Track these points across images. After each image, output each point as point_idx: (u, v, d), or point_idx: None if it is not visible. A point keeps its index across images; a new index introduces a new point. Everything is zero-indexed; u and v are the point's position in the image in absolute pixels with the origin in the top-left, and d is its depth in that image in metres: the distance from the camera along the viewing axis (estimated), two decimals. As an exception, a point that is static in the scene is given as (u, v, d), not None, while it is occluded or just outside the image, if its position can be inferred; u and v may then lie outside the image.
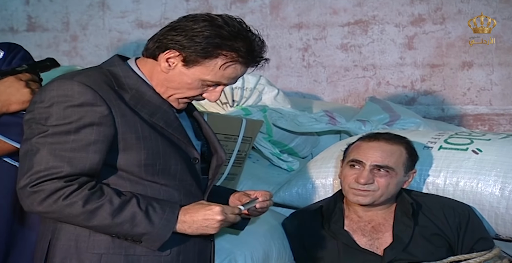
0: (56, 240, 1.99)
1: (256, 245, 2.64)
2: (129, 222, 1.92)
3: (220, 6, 4.29)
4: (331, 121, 3.40)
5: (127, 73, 2.03)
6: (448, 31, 4.05)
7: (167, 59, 2.00)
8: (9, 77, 2.18)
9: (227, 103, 3.36)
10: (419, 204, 2.71)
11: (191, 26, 1.99)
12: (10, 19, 4.50)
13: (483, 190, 2.77)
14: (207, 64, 1.99)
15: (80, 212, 1.90)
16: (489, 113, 4.03)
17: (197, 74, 2.00)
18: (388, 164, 2.66)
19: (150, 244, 1.96)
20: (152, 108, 2.01)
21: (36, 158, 1.90)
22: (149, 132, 1.98)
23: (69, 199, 1.89)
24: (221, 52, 1.98)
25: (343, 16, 4.18)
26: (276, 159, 3.32)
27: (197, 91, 2.04)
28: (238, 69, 2.02)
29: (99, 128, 1.92)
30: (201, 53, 1.97)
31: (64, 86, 1.94)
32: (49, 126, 1.91)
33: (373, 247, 2.68)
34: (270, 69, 4.23)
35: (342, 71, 4.19)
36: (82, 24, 4.45)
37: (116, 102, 1.96)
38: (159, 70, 2.02)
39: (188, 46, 1.97)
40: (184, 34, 1.98)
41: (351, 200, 2.70)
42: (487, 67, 4.02)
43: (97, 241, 1.97)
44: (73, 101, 1.92)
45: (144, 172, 1.98)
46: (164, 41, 2.00)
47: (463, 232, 2.67)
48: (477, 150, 2.85)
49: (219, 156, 2.15)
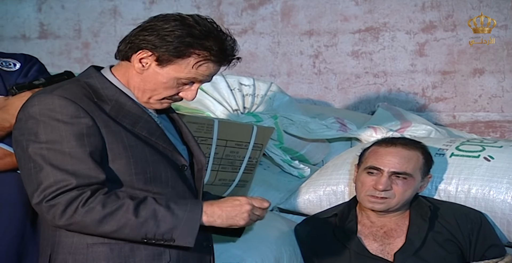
0: (56, 255, 1.98)
1: (266, 252, 2.63)
2: (152, 218, 1.91)
3: (231, 13, 4.30)
4: (342, 128, 3.39)
5: (105, 84, 2.02)
6: (460, 38, 4.05)
7: (140, 59, 2.00)
8: (26, 92, 2.17)
9: (238, 110, 3.36)
10: (436, 207, 2.70)
11: (162, 25, 1.99)
12: (22, 27, 4.53)
13: (495, 198, 2.76)
14: (180, 62, 1.99)
15: (101, 216, 1.89)
16: (501, 120, 4.02)
17: (171, 73, 2.00)
18: (406, 171, 2.66)
19: (183, 240, 1.93)
20: (133, 118, 2.01)
21: (42, 174, 1.90)
22: (135, 141, 1.98)
23: (87, 206, 1.89)
24: (193, 51, 1.98)
25: (354, 23, 4.18)
26: (287, 166, 3.32)
27: (173, 90, 2.04)
28: (211, 67, 2.02)
29: (89, 138, 1.93)
30: (174, 52, 1.97)
31: (45, 100, 1.94)
32: (42, 143, 1.91)
33: (384, 252, 2.67)
34: (281, 76, 4.24)
35: (353, 78, 4.19)
36: (93, 31, 4.47)
37: (97, 113, 1.96)
38: (134, 73, 2.02)
39: (160, 45, 1.97)
40: (155, 34, 1.98)
41: (366, 207, 2.69)
42: (498, 74, 4.01)
43: (96, 252, 1.96)
44: (56, 115, 1.92)
45: (136, 181, 1.97)
46: (136, 41, 2.00)
47: (475, 238, 2.67)
48: (489, 157, 2.84)
49: (198, 160, 2.14)
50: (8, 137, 2.16)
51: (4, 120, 2.15)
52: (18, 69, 2.27)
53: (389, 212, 2.70)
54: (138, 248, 1.97)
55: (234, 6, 4.32)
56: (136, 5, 4.42)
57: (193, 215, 1.94)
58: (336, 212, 2.75)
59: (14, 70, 2.27)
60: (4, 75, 2.25)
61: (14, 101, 2.17)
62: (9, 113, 2.15)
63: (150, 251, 1.98)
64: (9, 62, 2.28)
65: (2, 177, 2.20)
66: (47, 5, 4.51)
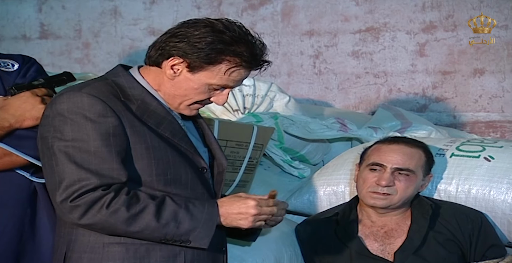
0: (72, 253, 1.99)
1: (267, 252, 2.63)
2: (173, 220, 1.92)
3: (232, 13, 4.30)
4: (343, 128, 3.39)
5: (132, 84, 2.03)
6: (460, 38, 4.05)
7: (172, 66, 2.01)
8: (25, 92, 2.18)
9: (239, 110, 3.36)
10: (438, 206, 2.71)
11: (192, 32, 2.00)
12: (22, 27, 4.53)
13: (495, 198, 2.76)
14: (212, 69, 1.99)
15: (126, 218, 1.90)
16: (501, 120, 4.02)
17: (203, 79, 2.01)
18: (409, 167, 2.66)
19: (199, 242, 1.95)
20: (158, 118, 2.02)
21: (65, 172, 1.91)
22: (158, 142, 1.99)
23: (112, 207, 1.90)
24: (224, 57, 1.99)
25: (355, 23, 4.18)
26: (287, 166, 3.32)
27: (205, 95, 2.05)
28: (242, 73, 2.03)
29: (115, 138, 1.94)
30: (205, 59, 1.98)
31: (74, 98, 1.95)
32: (68, 140, 1.92)
33: (384, 252, 2.67)
34: (282, 76, 4.24)
35: (354, 78, 4.19)
36: (94, 31, 4.47)
37: (124, 113, 1.97)
38: (165, 78, 2.03)
39: (191, 52, 1.98)
40: (186, 41, 1.99)
41: (367, 203, 2.69)
42: (499, 74, 4.01)
43: (111, 252, 1.97)
44: (84, 113, 1.93)
45: (156, 182, 1.99)
46: (166, 48, 2.01)
47: (475, 238, 2.67)
48: (489, 157, 2.84)
49: (219, 163, 2.15)
50: (7, 137, 2.17)
51: (3, 119, 2.15)
52: (16, 69, 2.28)
53: (390, 211, 2.69)
54: (154, 249, 1.98)
55: (234, 6, 4.32)
56: (137, 5, 4.42)
57: (211, 217, 1.96)
58: (337, 212, 2.75)
59: (13, 70, 2.28)
60: (2, 75, 2.26)
61: (14, 101, 2.17)
62: (9, 113, 2.16)
63: (165, 253, 1.99)
64: (8, 62, 2.29)
65: (1, 176, 2.20)
66: (48, 5, 4.51)
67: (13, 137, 2.17)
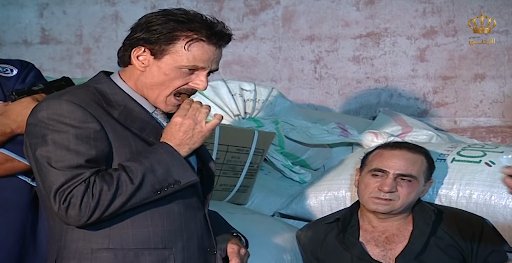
0: (61, 259, 1.99)
1: (268, 257, 2.63)
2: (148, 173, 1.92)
3: (232, 18, 4.30)
4: (343, 133, 3.40)
5: (114, 90, 2.04)
6: (460, 43, 4.05)
7: (137, 57, 2.03)
8: (26, 97, 2.19)
9: (239, 115, 3.36)
10: (440, 211, 2.70)
11: (145, 20, 2.05)
12: (24, 32, 4.53)
13: (496, 203, 2.76)
14: (173, 50, 2.01)
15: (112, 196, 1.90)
16: (502, 125, 4.02)
17: (171, 63, 2.02)
18: (411, 173, 2.66)
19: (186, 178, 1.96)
20: (141, 123, 2.03)
21: (50, 178, 1.91)
22: (143, 146, 1.99)
23: (96, 193, 1.89)
24: (179, 34, 2.00)
25: (355, 29, 4.18)
26: (288, 171, 3.32)
27: (180, 81, 2.04)
28: (205, 48, 2.02)
29: (96, 142, 1.94)
30: (162, 40, 2.00)
31: (53, 105, 1.96)
32: (48, 145, 1.92)
33: (386, 258, 2.67)
34: (282, 81, 4.25)
35: (354, 83, 4.19)
36: (95, 36, 4.47)
37: (106, 118, 1.97)
38: (138, 73, 2.04)
39: (147, 37, 2.01)
40: (140, 29, 2.03)
41: (369, 209, 2.69)
42: (499, 79, 4.01)
43: (100, 258, 1.96)
44: (64, 120, 1.94)
45: None
46: (127, 43, 2.05)
47: (476, 244, 2.66)
48: (490, 163, 2.84)
49: (208, 166, 2.15)
50: (9, 143, 2.17)
51: (5, 125, 2.16)
52: (15, 75, 2.28)
53: (391, 216, 2.69)
54: (143, 254, 1.97)
55: (235, 12, 4.33)
56: (138, 10, 4.43)
57: (171, 153, 1.97)
58: (338, 217, 2.75)
59: (12, 76, 2.28)
60: (1, 81, 2.26)
61: (15, 106, 2.18)
62: (10, 118, 2.16)
63: (154, 257, 1.98)
64: (6, 68, 2.29)
65: (3, 182, 2.20)
66: (49, 11, 4.52)
67: (15, 143, 2.17)
